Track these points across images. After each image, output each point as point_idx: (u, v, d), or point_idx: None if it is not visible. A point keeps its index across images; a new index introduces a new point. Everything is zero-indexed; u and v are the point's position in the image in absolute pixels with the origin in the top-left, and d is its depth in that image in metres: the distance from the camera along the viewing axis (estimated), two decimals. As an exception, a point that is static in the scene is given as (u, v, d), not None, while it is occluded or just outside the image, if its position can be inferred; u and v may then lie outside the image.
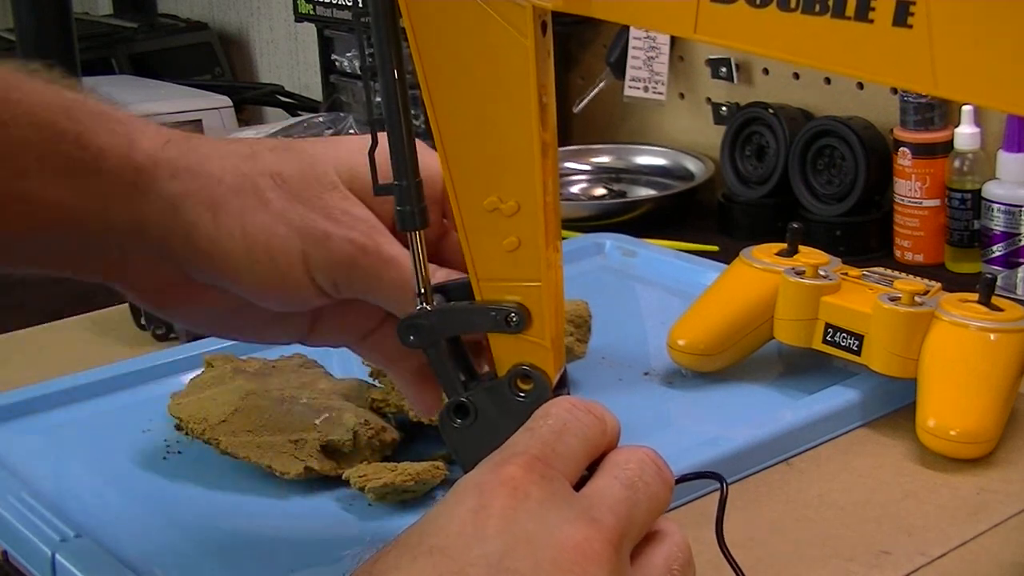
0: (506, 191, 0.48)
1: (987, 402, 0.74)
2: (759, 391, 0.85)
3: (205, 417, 0.75)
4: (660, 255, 1.10)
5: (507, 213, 0.49)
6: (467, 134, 0.48)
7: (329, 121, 1.28)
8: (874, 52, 0.39)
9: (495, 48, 0.46)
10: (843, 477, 0.74)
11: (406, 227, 0.51)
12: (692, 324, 0.86)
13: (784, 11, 0.40)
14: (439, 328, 0.52)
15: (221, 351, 0.87)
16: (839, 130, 1.18)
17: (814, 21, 0.40)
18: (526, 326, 0.50)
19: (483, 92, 0.47)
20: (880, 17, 0.39)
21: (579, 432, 0.49)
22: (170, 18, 2.06)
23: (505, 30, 0.45)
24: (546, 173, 0.48)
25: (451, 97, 0.47)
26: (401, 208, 0.50)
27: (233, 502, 0.73)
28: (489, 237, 0.49)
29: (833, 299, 0.82)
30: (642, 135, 1.45)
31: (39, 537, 0.66)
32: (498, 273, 0.50)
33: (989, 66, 0.37)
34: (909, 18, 0.38)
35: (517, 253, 0.49)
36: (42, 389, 0.86)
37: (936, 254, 1.14)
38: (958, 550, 0.66)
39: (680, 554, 0.49)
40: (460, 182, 0.49)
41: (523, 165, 0.48)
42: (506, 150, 0.48)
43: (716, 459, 0.72)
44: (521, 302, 0.50)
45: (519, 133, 0.47)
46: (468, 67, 0.47)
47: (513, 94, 0.47)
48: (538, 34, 0.46)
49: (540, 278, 0.50)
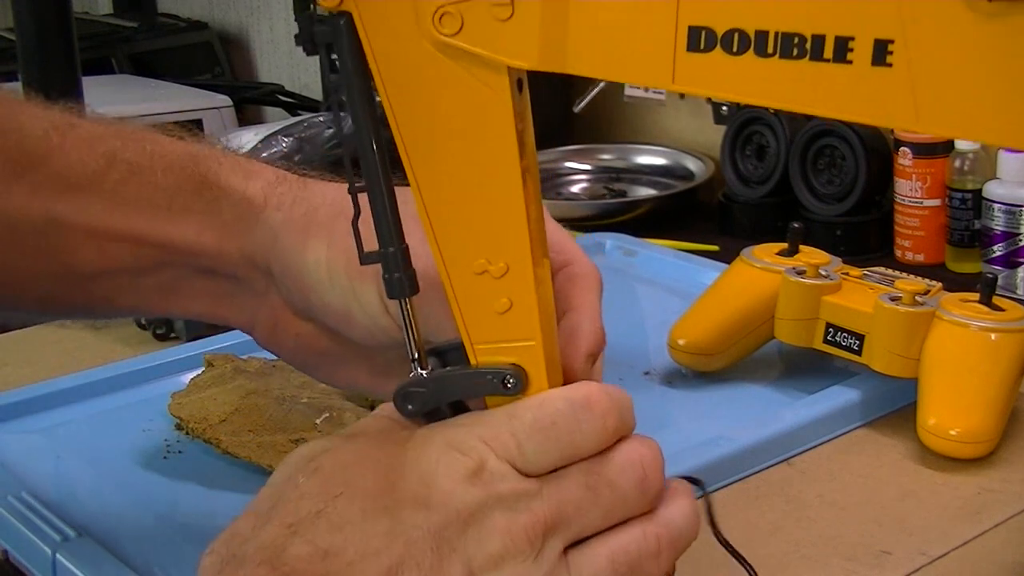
0: (494, 254, 0.47)
1: (988, 402, 0.74)
2: (759, 391, 0.85)
3: (205, 417, 0.75)
4: (660, 255, 1.10)
5: (496, 275, 0.48)
6: (450, 199, 0.47)
7: (329, 121, 1.28)
8: (854, 93, 0.39)
9: (472, 110, 0.45)
10: (843, 477, 0.74)
11: (394, 295, 0.49)
12: (692, 324, 0.86)
13: (762, 57, 0.40)
14: (436, 395, 0.50)
15: (221, 351, 0.87)
16: (840, 130, 1.18)
17: (792, 65, 0.39)
18: (523, 388, 0.49)
19: (462, 155, 0.46)
20: (858, 58, 0.38)
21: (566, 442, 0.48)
22: (170, 18, 2.06)
23: (481, 90, 0.45)
24: (534, 237, 0.48)
25: (431, 163, 0.47)
26: (388, 276, 0.49)
27: (233, 502, 0.72)
28: (480, 301, 0.48)
29: (834, 299, 0.82)
30: (642, 135, 1.45)
31: (39, 537, 0.66)
32: (491, 336, 0.49)
33: (971, 100, 0.37)
34: (888, 56, 0.38)
35: (509, 314, 0.48)
36: (42, 389, 0.86)
37: (937, 254, 1.14)
38: (959, 550, 0.66)
39: (630, 551, 0.48)
40: (446, 247, 0.48)
41: (509, 226, 0.47)
42: (490, 212, 0.47)
43: (716, 459, 0.73)
44: (517, 363, 0.49)
45: (502, 193, 0.47)
46: (446, 131, 0.46)
47: (493, 155, 0.46)
48: (514, 92, 0.45)
49: (534, 337, 0.49)
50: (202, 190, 0.60)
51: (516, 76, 0.45)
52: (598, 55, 0.43)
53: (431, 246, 0.48)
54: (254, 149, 1.24)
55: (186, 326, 0.96)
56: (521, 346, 0.49)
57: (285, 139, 1.25)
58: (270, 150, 1.23)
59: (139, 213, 0.60)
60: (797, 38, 0.39)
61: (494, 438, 0.47)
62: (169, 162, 0.60)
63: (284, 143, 1.24)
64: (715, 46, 0.40)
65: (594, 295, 0.57)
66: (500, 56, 0.44)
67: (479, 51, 0.44)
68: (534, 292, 0.48)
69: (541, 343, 0.49)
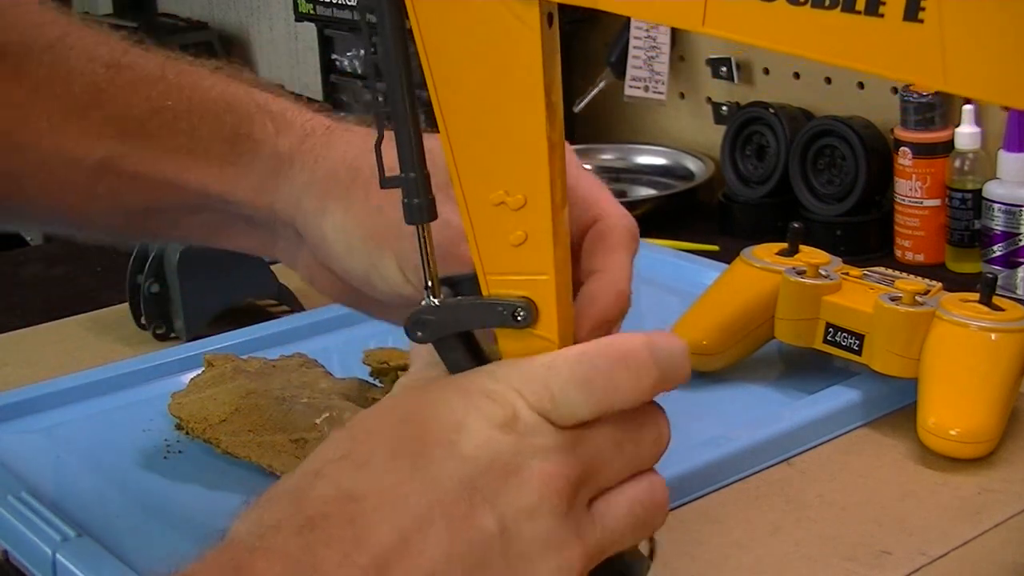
0: (513, 185, 0.48)
1: (988, 402, 0.74)
2: (759, 391, 0.85)
3: (205, 417, 0.75)
4: (660, 255, 1.09)
5: (514, 207, 0.48)
6: (473, 128, 0.47)
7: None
8: (884, 47, 0.39)
9: (501, 40, 0.46)
10: (843, 477, 0.74)
11: (413, 220, 0.50)
12: (693, 324, 0.86)
13: (794, 5, 0.40)
14: (445, 324, 0.51)
15: (221, 351, 0.87)
16: (840, 130, 1.18)
17: (824, 15, 0.39)
18: (533, 321, 0.49)
19: (489, 85, 0.47)
20: (891, 11, 0.38)
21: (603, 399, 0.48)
22: (170, 18, 2.06)
23: (511, 22, 0.45)
24: (554, 172, 0.48)
25: (456, 90, 0.47)
26: (408, 201, 0.49)
27: (233, 502, 0.72)
28: (495, 231, 0.49)
29: (834, 299, 0.82)
30: (642, 135, 1.45)
31: (39, 537, 0.66)
32: (505, 267, 0.49)
33: (999, 62, 0.37)
34: (920, 13, 0.38)
35: (524, 247, 0.49)
36: (42, 389, 0.86)
37: (937, 254, 1.14)
38: (959, 550, 0.66)
39: (644, 501, 0.49)
40: (466, 176, 0.48)
41: (530, 158, 0.47)
42: (513, 143, 0.47)
43: (716, 459, 0.73)
44: (528, 296, 0.50)
45: (526, 126, 0.47)
46: (474, 60, 0.46)
47: (519, 86, 0.46)
48: (544, 26, 0.46)
49: (547, 272, 0.49)
50: (236, 142, 0.62)
51: (547, 10, 0.46)
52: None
53: (451, 173, 0.48)
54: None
55: (186, 326, 0.96)
56: (534, 279, 0.49)
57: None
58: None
59: (178, 161, 0.62)
60: None
61: (529, 389, 0.47)
62: (207, 110, 0.63)
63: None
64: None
65: (623, 254, 0.56)
66: None
67: None
68: (550, 226, 0.48)
69: (553, 278, 0.49)
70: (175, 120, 0.62)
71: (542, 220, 0.48)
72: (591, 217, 0.56)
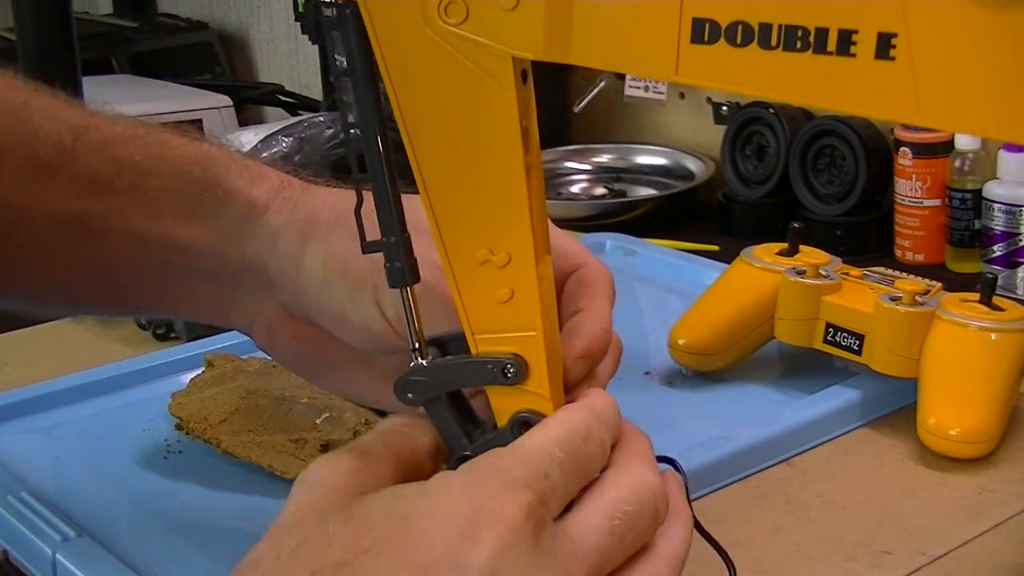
0: (496, 243, 0.47)
1: (988, 402, 0.74)
2: (759, 391, 0.85)
3: (206, 417, 0.75)
4: (660, 255, 1.10)
5: (498, 265, 0.48)
6: (453, 188, 0.47)
7: (329, 121, 1.28)
8: (857, 86, 0.39)
9: (477, 100, 0.45)
10: (843, 477, 0.74)
11: (396, 283, 0.49)
12: (693, 324, 0.86)
13: (765, 49, 0.40)
14: (436, 384, 0.51)
15: (221, 351, 0.87)
16: (840, 130, 1.18)
17: (796, 58, 0.39)
18: (523, 377, 0.49)
19: (467, 145, 0.46)
20: (862, 51, 0.38)
21: (584, 469, 0.48)
22: (170, 18, 2.06)
23: (486, 82, 0.45)
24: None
25: (435, 152, 0.47)
26: (390, 265, 0.49)
27: (233, 502, 0.73)
28: (481, 290, 0.48)
29: (834, 299, 0.82)
30: (642, 135, 1.45)
31: (39, 537, 0.66)
32: (492, 325, 0.49)
33: (972, 95, 0.37)
34: (891, 50, 0.38)
35: (510, 304, 0.48)
36: (42, 389, 0.86)
37: (937, 254, 1.14)
38: (959, 550, 0.66)
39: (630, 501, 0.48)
40: (449, 236, 0.48)
41: (512, 216, 0.47)
42: (493, 202, 0.47)
43: (716, 459, 0.73)
44: (518, 353, 0.49)
45: (505, 183, 0.46)
46: (450, 121, 0.46)
47: (497, 145, 0.46)
48: (519, 83, 0.45)
49: (535, 327, 0.49)
50: (207, 193, 0.61)
51: (521, 67, 0.45)
52: (603, 46, 0.43)
53: (433, 234, 0.48)
54: (254, 149, 1.23)
55: (186, 326, 0.96)
56: (522, 336, 0.49)
57: (285, 139, 1.24)
58: (270, 150, 1.23)
59: (145, 217, 0.61)
60: (801, 31, 0.39)
61: (525, 488, 0.46)
62: (177, 165, 0.62)
63: (284, 143, 1.24)
64: (719, 38, 0.40)
65: (604, 297, 0.57)
66: (505, 46, 0.44)
67: (484, 41, 0.44)
68: (535, 282, 0.48)
69: (542, 333, 0.49)
70: (144, 176, 0.61)
71: (527, 276, 0.48)
72: (572, 266, 0.57)
